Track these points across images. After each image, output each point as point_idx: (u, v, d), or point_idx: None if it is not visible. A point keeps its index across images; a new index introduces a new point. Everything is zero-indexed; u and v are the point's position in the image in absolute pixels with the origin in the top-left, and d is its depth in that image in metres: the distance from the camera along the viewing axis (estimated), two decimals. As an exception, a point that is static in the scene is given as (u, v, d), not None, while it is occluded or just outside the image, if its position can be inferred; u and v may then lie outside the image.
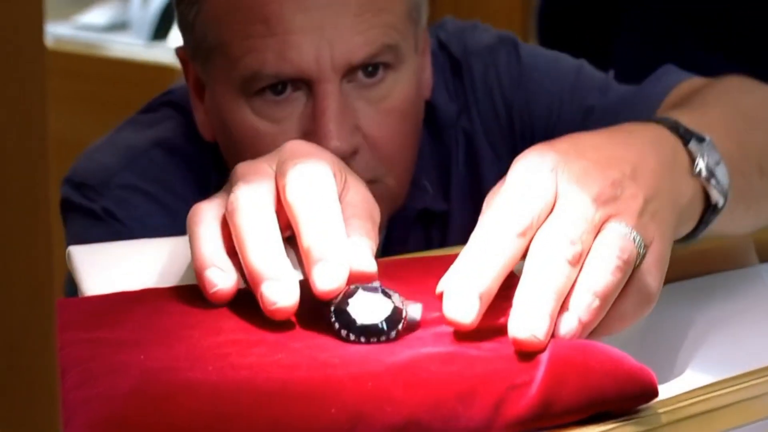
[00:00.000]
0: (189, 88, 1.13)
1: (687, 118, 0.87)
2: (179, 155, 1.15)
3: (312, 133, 1.01)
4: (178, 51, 1.13)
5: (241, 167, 0.76)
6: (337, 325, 0.68)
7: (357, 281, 0.69)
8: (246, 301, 0.71)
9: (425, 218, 1.18)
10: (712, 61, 1.74)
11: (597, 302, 0.69)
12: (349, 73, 1.02)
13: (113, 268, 0.74)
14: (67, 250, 0.76)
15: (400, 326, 0.68)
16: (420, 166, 1.15)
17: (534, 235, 0.70)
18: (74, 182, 1.14)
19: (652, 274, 0.73)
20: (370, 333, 0.67)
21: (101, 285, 0.72)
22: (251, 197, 0.72)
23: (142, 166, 1.14)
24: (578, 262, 0.69)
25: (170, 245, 0.78)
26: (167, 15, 2.66)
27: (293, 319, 0.70)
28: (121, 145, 1.16)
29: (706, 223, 0.85)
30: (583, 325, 0.68)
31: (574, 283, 0.69)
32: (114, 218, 1.10)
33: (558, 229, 0.70)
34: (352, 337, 0.67)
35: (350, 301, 0.68)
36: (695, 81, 1.15)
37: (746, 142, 0.93)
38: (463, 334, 0.68)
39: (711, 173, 0.83)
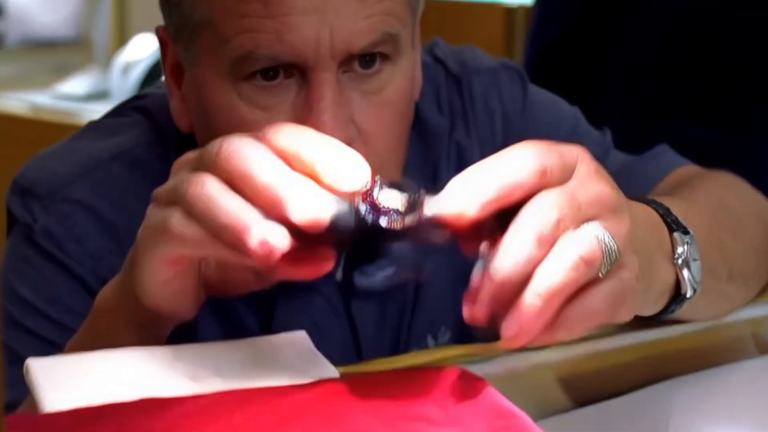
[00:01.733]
0: (165, 72, 1.04)
1: (677, 209, 0.89)
2: (143, 169, 1.05)
3: (304, 123, 0.93)
4: (159, 30, 1.03)
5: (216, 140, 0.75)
6: (363, 209, 0.70)
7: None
8: (219, 412, 0.66)
9: None
10: (694, 132, 1.72)
11: (538, 302, 0.70)
12: (346, 62, 0.95)
13: (75, 381, 0.70)
14: (25, 364, 0.72)
15: (418, 212, 0.71)
16: (404, 171, 1.08)
17: (544, 184, 0.72)
18: (20, 187, 1.05)
19: (628, 272, 0.74)
20: (396, 213, 0.71)
21: (62, 400, 0.67)
22: (240, 138, 0.73)
23: (98, 179, 1.04)
24: (550, 245, 0.71)
25: (139, 356, 0.74)
26: (147, 85, 2.63)
27: None
28: (79, 153, 1.07)
29: (671, 311, 0.88)
30: (523, 326, 0.70)
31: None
32: (51, 240, 1.02)
33: (558, 199, 0.72)
34: (382, 221, 0.70)
35: (375, 191, 0.71)
36: (689, 169, 1.16)
37: (725, 247, 0.97)
38: None
39: (688, 266, 0.86)
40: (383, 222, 0.71)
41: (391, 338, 1.08)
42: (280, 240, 0.70)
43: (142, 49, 2.73)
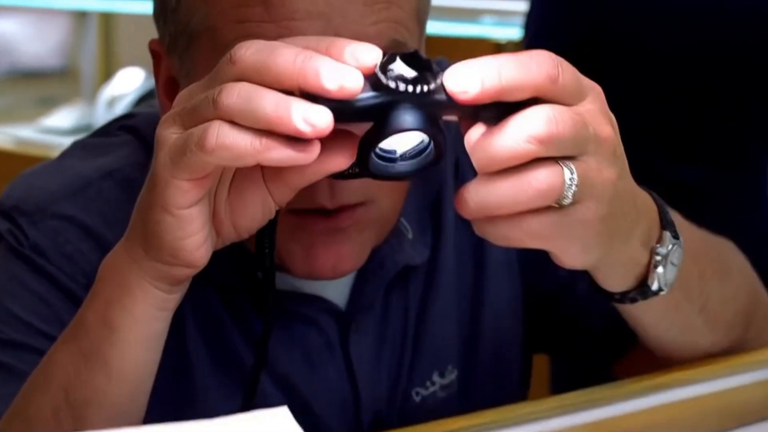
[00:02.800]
0: (158, 90, 1.01)
1: (675, 218, 0.91)
2: (134, 189, 0.98)
3: None
4: (152, 43, 1.00)
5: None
6: (384, 79, 0.73)
7: None
8: None
9: (403, 275, 1.06)
10: (682, 172, 1.70)
11: (479, 201, 0.75)
12: None
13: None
14: None
15: (438, 79, 0.73)
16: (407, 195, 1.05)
17: (552, 92, 0.74)
18: (4, 206, 1.01)
19: (590, 214, 0.77)
20: (416, 81, 0.73)
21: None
22: (248, 43, 0.76)
23: (88, 198, 1.01)
24: (522, 159, 0.74)
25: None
26: (133, 119, 2.60)
27: None
28: (68, 172, 1.04)
29: (631, 298, 0.89)
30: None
31: None
32: (42, 255, 0.98)
33: (556, 117, 0.74)
34: (402, 87, 0.73)
35: (391, 65, 0.73)
36: None
37: (706, 279, 0.97)
38: None
39: (664, 265, 0.87)
40: (401, 87, 0.73)
41: (390, 374, 1.04)
42: (322, 115, 0.73)
43: (128, 82, 2.71)
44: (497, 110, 0.74)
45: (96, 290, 0.85)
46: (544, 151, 0.74)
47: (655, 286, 0.88)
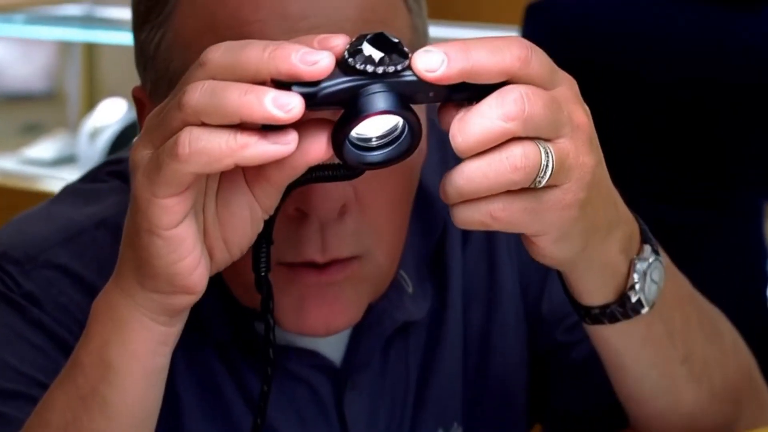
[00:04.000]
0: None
1: (665, 259, 0.88)
2: None
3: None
4: (135, 90, 0.98)
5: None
6: (352, 62, 0.71)
7: None
8: None
9: (403, 329, 1.01)
10: (668, 213, 1.68)
11: (459, 184, 0.74)
12: None
13: None
14: None
15: (407, 60, 0.72)
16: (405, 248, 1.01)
17: (523, 73, 0.73)
18: None
19: (566, 198, 0.76)
20: (383, 62, 0.72)
21: None
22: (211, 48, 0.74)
23: (82, 246, 0.97)
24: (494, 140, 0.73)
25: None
26: (115, 150, 2.58)
27: None
28: (59, 218, 1.00)
29: (611, 313, 0.86)
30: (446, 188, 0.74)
31: None
32: (36, 305, 0.95)
33: (528, 96, 0.73)
34: (369, 68, 0.71)
35: (359, 47, 0.72)
36: None
37: (691, 330, 0.94)
38: None
39: (643, 278, 0.86)
40: (369, 68, 0.72)
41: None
42: (293, 97, 0.70)
43: (111, 114, 2.70)
44: (470, 93, 0.74)
45: (90, 331, 0.82)
46: (520, 129, 0.73)
47: (634, 299, 0.86)
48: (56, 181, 2.63)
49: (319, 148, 0.74)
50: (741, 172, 1.73)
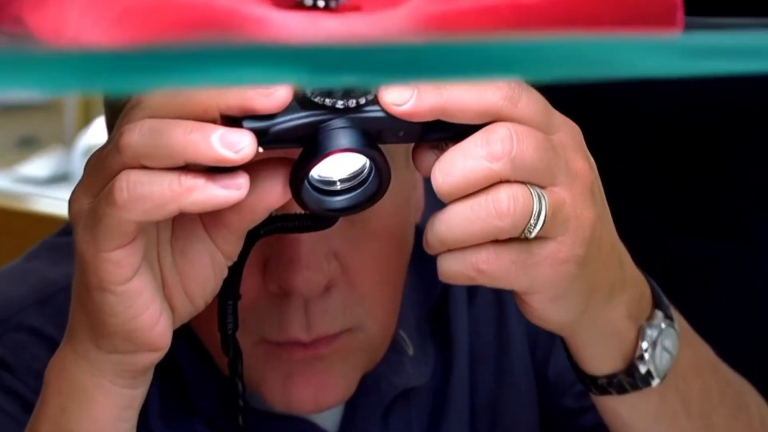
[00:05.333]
0: None
1: (680, 323, 0.82)
2: None
3: (276, 259, 0.83)
4: None
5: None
6: (310, 95, 0.65)
7: None
8: None
9: (404, 396, 0.96)
10: (682, 245, 1.63)
11: (440, 231, 0.68)
12: None
13: None
14: None
15: (372, 94, 0.66)
16: (403, 312, 0.95)
17: (512, 113, 0.68)
18: None
19: (561, 252, 0.69)
20: (346, 95, 0.66)
21: None
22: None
23: (57, 308, 0.91)
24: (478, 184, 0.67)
25: None
26: (110, 169, 2.53)
27: None
28: (34, 277, 0.96)
29: (618, 383, 0.80)
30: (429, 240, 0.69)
31: None
32: (6, 369, 0.90)
33: (515, 135, 0.67)
34: (329, 102, 0.66)
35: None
36: None
37: (709, 403, 0.87)
38: None
39: (653, 346, 0.79)
40: (328, 102, 0.66)
41: None
42: (244, 136, 0.64)
43: (104, 132, 2.64)
44: (447, 133, 0.68)
45: (46, 397, 0.76)
46: (507, 171, 0.67)
47: (643, 369, 0.79)
48: (50, 200, 2.59)
49: (275, 191, 0.68)
50: (752, 199, 1.69)
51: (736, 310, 1.49)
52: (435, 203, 0.92)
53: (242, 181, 0.66)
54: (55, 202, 2.56)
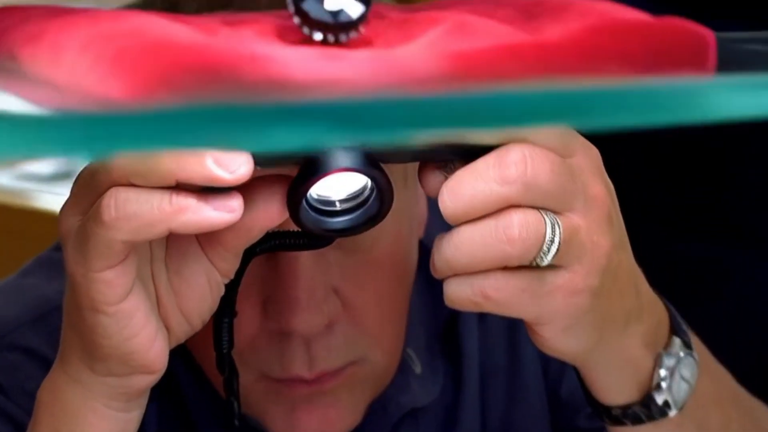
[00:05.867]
0: None
1: (697, 346, 0.79)
2: None
3: (274, 300, 0.81)
4: None
5: None
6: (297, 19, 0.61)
7: None
8: None
9: (411, 415, 0.94)
10: (686, 248, 1.60)
11: (449, 253, 0.65)
12: None
13: None
14: None
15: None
16: (410, 335, 0.93)
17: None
18: None
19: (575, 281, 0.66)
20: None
21: None
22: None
23: (52, 325, 0.85)
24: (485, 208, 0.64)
25: None
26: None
27: None
28: (29, 294, 0.94)
29: (633, 418, 0.77)
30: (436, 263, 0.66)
31: None
32: (1, 392, 0.88)
33: (529, 158, 0.64)
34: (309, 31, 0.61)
35: None
36: None
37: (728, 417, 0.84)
38: None
39: (671, 375, 0.76)
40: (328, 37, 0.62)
41: None
42: (239, 156, 0.61)
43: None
44: (455, 152, 0.66)
45: (38, 421, 0.74)
46: (520, 195, 0.64)
47: (660, 400, 0.76)
48: (53, 197, 2.56)
49: (272, 210, 0.65)
50: (756, 197, 1.66)
51: (741, 313, 1.47)
52: (441, 220, 0.90)
53: (236, 203, 0.63)
54: (59, 199, 2.53)
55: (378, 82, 0.53)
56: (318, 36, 0.62)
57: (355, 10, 0.62)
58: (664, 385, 0.76)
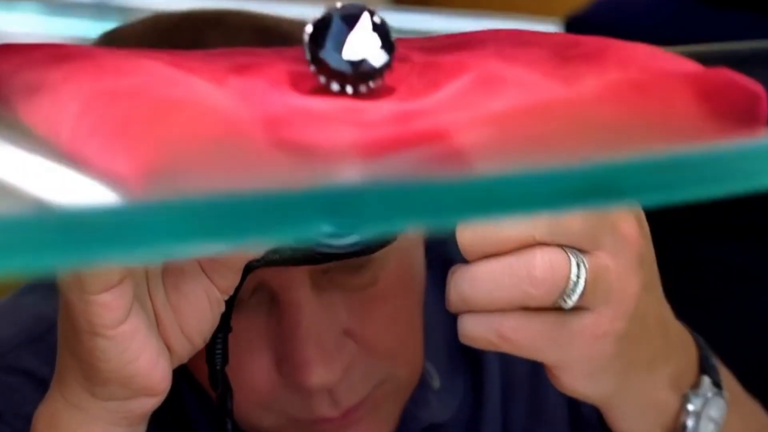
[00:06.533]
0: None
1: (725, 375, 0.77)
2: None
3: (288, 359, 0.79)
4: None
5: None
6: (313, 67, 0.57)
7: None
8: None
9: (429, 430, 0.91)
10: (716, 251, 1.57)
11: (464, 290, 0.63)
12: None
13: None
14: None
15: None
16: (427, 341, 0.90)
17: None
18: None
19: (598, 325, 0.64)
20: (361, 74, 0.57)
21: None
22: None
23: (51, 346, 0.82)
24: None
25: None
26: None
27: None
28: (26, 313, 0.91)
29: None
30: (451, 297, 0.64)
31: None
32: None
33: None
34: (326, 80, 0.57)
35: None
36: None
37: None
38: None
39: (697, 416, 0.73)
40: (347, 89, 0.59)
41: None
42: None
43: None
44: None
45: None
46: (545, 233, 0.62)
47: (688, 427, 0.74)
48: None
49: None
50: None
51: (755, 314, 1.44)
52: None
53: None
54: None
55: (399, 152, 0.49)
56: (335, 87, 0.58)
57: (378, 59, 0.58)
58: (690, 424, 0.74)
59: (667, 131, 0.52)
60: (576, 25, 1.76)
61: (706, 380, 0.75)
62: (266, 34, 0.81)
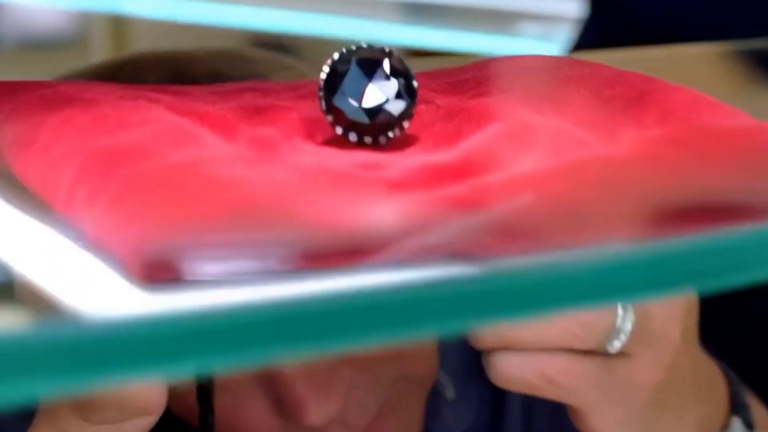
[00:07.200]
0: None
1: (757, 409, 0.75)
2: None
3: (280, 400, 0.76)
4: None
5: None
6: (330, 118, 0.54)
7: None
8: None
9: None
10: None
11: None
12: None
13: None
14: None
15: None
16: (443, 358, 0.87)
17: None
18: None
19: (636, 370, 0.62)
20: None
21: None
22: None
23: None
24: None
25: None
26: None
27: None
28: None
29: None
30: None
31: None
32: None
33: None
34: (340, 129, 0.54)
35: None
36: None
37: None
38: None
39: None
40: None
41: None
42: None
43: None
44: None
45: None
46: (573, 334, 0.60)
47: None
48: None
49: None
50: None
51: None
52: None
53: None
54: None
55: (431, 221, 0.44)
56: (353, 137, 0.53)
57: (397, 107, 0.53)
58: None
59: (711, 196, 0.48)
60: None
61: (737, 421, 0.72)
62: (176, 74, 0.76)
